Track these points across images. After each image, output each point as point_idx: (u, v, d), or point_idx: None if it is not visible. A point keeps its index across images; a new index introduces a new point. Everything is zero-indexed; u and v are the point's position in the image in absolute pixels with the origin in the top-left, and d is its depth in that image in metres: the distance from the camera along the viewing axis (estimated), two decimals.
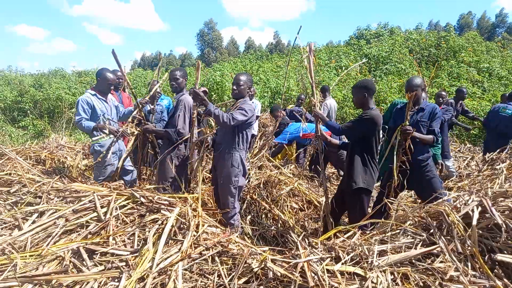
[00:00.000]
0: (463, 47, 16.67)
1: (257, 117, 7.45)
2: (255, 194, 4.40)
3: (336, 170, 6.68)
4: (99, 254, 2.27)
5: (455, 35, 18.59)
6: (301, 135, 5.95)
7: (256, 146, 7.55)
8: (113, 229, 2.45)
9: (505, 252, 2.18)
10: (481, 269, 2.11)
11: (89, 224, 2.55)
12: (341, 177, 5.05)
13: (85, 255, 2.22)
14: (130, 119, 4.15)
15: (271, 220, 4.22)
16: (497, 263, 2.15)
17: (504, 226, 2.21)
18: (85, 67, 27.64)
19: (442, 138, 5.90)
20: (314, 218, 4.39)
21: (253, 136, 7.41)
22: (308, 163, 6.45)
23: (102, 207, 2.65)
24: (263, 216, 4.22)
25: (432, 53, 16.70)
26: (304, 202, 4.57)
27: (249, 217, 4.14)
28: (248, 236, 3.78)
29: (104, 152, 3.93)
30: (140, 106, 4.08)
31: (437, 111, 3.73)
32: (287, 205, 4.37)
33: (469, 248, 2.18)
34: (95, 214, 2.60)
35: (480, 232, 2.29)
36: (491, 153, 5.65)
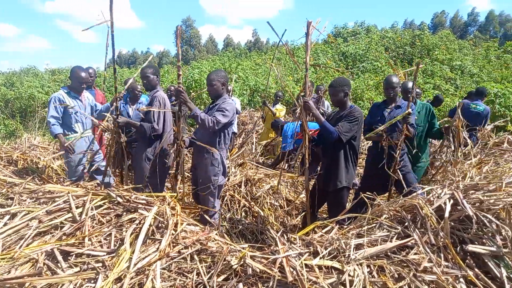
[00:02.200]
0: (437, 45, 17.17)
1: (238, 112, 7.43)
2: (235, 192, 4.40)
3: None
4: (74, 255, 2.22)
5: (429, 34, 19.14)
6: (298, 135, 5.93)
7: (236, 144, 7.56)
8: (88, 230, 2.40)
9: (476, 243, 2.25)
10: (453, 260, 2.17)
11: (64, 225, 2.49)
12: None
13: (59, 257, 2.17)
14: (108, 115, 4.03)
15: (251, 218, 4.23)
16: (468, 253, 2.22)
17: (475, 217, 2.28)
18: (59, 65, 26.90)
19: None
20: (294, 214, 4.42)
21: (233, 134, 7.41)
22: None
23: (77, 207, 2.59)
24: (243, 213, 4.23)
25: (407, 51, 17.12)
26: (284, 200, 4.60)
27: (228, 214, 4.14)
28: (227, 233, 3.78)
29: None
30: (118, 99, 3.99)
31: (413, 107, 3.85)
32: (267, 203, 4.39)
33: (442, 239, 2.24)
34: (70, 215, 2.54)
35: (452, 224, 2.36)
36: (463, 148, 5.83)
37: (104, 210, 2.62)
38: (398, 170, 3.71)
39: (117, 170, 4.15)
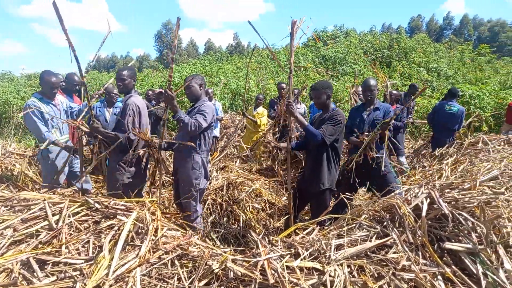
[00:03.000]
0: (414, 48, 17.58)
1: (219, 119, 7.41)
2: (216, 196, 4.38)
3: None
4: (51, 264, 2.16)
5: (406, 37, 19.56)
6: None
7: (218, 148, 7.52)
8: (65, 237, 2.34)
9: (453, 240, 2.31)
10: (431, 258, 2.22)
11: (40, 233, 2.41)
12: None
13: (35, 266, 2.10)
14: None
15: (233, 221, 4.21)
16: (445, 251, 2.28)
17: (451, 216, 2.34)
18: (35, 69, 26.18)
19: (397, 135, 6.22)
20: (276, 217, 4.43)
21: (215, 137, 7.37)
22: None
23: (53, 215, 2.52)
24: (225, 217, 4.21)
25: (385, 54, 17.46)
26: (266, 202, 4.61)
27: (210, 218, 4.12)
28: (209, 238, 3.76)
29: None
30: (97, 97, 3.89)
31: (390, 109, 3.94)
32: (249, 206, 4.39)
33: (420, 238, 2.29)
34: (46, 222, 2.47)
35: (430, 222, 2.41)
36: (440, 148, 6.00)
37: (82, 217, 2.56)
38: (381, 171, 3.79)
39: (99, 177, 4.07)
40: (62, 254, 2.22)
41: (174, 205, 3.81)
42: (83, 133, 3.53)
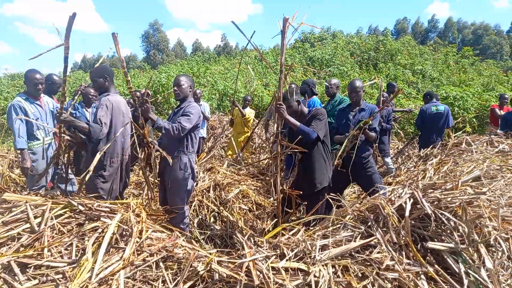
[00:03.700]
0: (399, 50, 17.83)
1: (207, 119, 7.38)
2: (203, 197, 4.37)
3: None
4: (32, 267, 2.12)
5: (392, 39, 19.82)
6: None
7: (205, 149, 7.50)
8: (48, 240, 2.30)
9: (436, 240, 2.35)
10: (414, 257, 2.25)
11: (21, 236, 2.37)
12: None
13: (17, 269, 2.06)
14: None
15: (220, 222, 4.20)
16: (428, 250, 2.31)
17: (434, 215, 2.38)
18: (20, 69, 25.65)
19: (383, 136, 6.29)
20: (263, 218, 4.43)
21: (203, 138, 7.35)
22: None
23: (36, 217, 2.47)
24: (212, 218, 4.20)
25: (371, 56, 17.65)
26: (253, 203, 4.61)
27: (197, 219, 4.10)
28: (196, 239, 3.74)
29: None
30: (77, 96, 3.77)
31: (376, 110, 3.99)
32: (236, 207, 4.38)
33: (403, 238, 2.32)
34: (28, 225, 2.43)
35: (413, 222, 2.45)
36: (425, 149, 6.08)
37: (65, 219, 2.52)
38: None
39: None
40: (44, 257, 2.19)
41: (161, 206, 3.77)
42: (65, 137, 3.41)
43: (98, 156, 2.98)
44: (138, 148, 3.23)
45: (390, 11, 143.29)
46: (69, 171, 3.67)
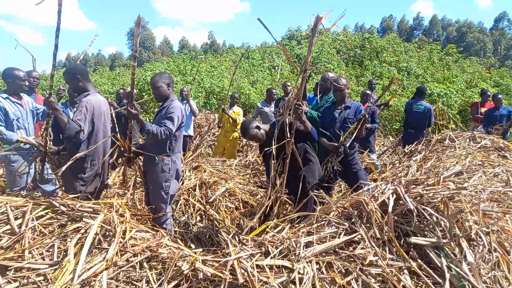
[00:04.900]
0: (385, 48, 17.99)
1: (195, 114, 7.27)
2: (189, 196, 4.34)
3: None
4: (13, 270, 2.08)
5: (377, 37, 19.99)
6: None
7: (192, 147, 7.45)
8: (29, 242, 2.27)
9: (418, 235, 2.37)
10: (397, 252, 2.27)
11: (1, 238, 2.32)
12: None
13: None
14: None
15: (206, 221, 4.18)
16: (411, 245, 2.34)
17: (416, 211, 2.40)
18: (2, 67, 25.01)
19: (369, 133, 6.36)
20: (250, 216, 4.42)
21: (189, 137, 7.29)
22: None
23: (16, 218, 2.43)
24: (198, 217, 4.17)
25: (357, 53, 17.79)
26: (240, 201, 4.60)
27: (183, 218, 4.07)
28: (181, 238, 3.71)
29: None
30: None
31: (361, 108, 4.03)
32: (223, 205, 4.37)
33: (386, 233, 2.34)
34: (8, 227, 2.38)
35: (396, 218, 2.47)
36: (410, 145, 6.17)
37: (47, 221, 2.48)
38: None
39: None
40: (25, 259, 2.15)
41: (146, 206, 3.73)
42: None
43: (72, 160, 2.97)
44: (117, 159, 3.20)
45: (376, 9, 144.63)
46: (49, 171, 3.62)
